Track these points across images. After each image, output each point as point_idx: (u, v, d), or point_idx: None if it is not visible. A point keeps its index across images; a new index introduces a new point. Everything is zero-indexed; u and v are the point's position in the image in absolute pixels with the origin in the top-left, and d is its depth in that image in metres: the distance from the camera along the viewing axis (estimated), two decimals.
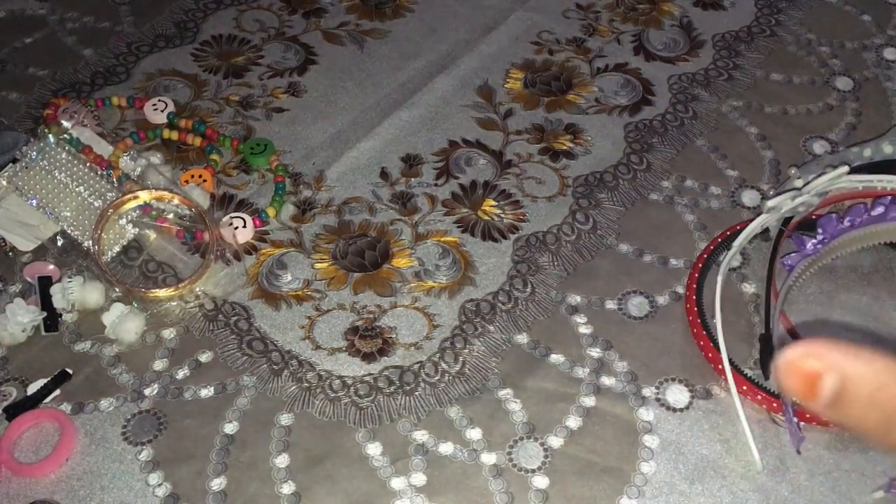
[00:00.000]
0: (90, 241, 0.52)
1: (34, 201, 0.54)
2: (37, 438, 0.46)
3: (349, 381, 0.48)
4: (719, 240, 0.54)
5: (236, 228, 0.54)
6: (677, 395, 0.48)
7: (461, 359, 0.49)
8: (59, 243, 0.54)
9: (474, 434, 0.46)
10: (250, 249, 0.54)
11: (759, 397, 0.47)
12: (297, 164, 0.59)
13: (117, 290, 0.51)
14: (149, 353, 0.49)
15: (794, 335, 0.50)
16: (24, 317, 0.49)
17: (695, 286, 0.51)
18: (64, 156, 0.55)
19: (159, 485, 0.44)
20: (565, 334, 0.50)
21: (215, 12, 0.70)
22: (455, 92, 0.64)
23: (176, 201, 0.54)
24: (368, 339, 0.50)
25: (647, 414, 0.47)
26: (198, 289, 0.52)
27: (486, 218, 0.56)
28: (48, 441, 0.46)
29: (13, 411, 0.46)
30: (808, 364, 0.20)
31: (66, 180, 0.54)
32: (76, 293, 0.50)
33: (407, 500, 0.44)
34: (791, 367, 0.20)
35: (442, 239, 0.55)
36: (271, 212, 0.55)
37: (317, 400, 0.47)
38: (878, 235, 0.50)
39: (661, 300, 0.52)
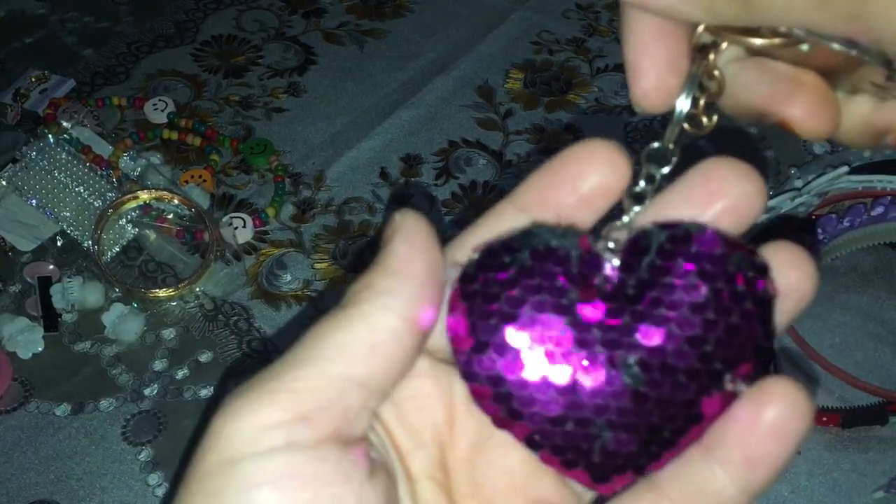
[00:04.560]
0: (90, 242, 0.52)
1: (34, 201, 0.54)
2: None
3: None
4: None
5: (236, 228, 0.54)
6: None
7: None
8: (59, 243, 0.53)
9: None
10: (250, 249, 0.54)
11: None
12: (297, 164, 0.59)
13: (117, 290, 0.51)
14: (148, 354, 0.49)
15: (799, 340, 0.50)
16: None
17: None
18: (64, 156, 0.54)
19: (159, 485, 0.44)
20: None
21: (215, 12, 0.70)
22: (455, 92, 0.64)
23: (176, 201, 0.54)
24: None
25: None
26: (197, 289, 0.52)
27: None
28: None
29: None
30: None
31: (66, 180, 0.54)
32: (76, 293, 0.50)
33: None
34: None
35: None
36: (271, 212, 0.55)
37: None
38: (878, 235, 0.50)
39: None
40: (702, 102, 0.20)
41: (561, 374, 0.19)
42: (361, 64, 0.66)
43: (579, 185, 0.20)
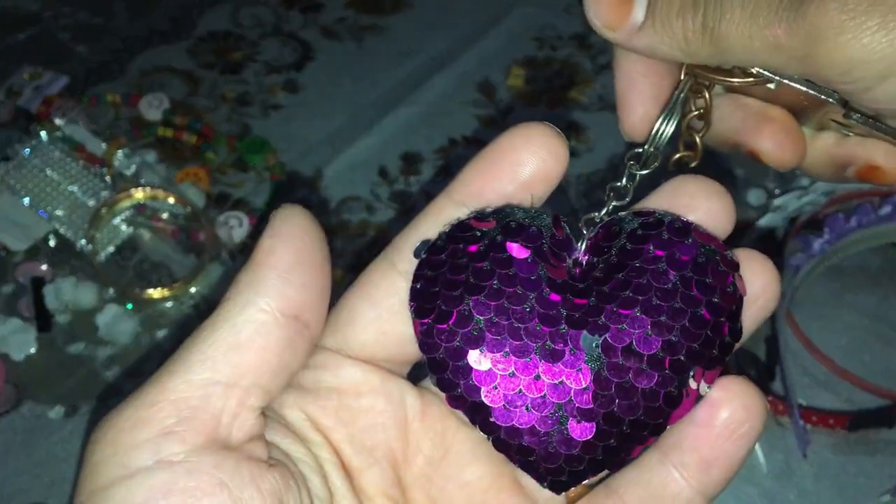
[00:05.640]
0: (84, 241, 0.52)
1: (26, 200, 0.53)
2: None
3: None
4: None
5: (232, 228, 0.53)
6: None
7: None
8: (52, 243, 0.53)
9: None
10: (246, 249, 0.54)
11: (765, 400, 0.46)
12: (295, 163, 0.58)
13: (111, 290, 0.51)
14: (143, 355, 0.49)
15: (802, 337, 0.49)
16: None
17: None
18: (57, 154, 0.54)
19: None
20: None
21: (212, 7, 0.69)
22: (455, 89, 0.63)
23: (171, 200, 0.54)
24: None
25: None
26: (193, 289, 0.51)
27: None
28: None
29: None
30: None
31: (59, 179, 0.53)
32: (69, 294, 0.50)
33: None
34: None
35: None
36: (268, 211, 0.55)
37: None
38: (886, 235, 0.49)
39: None
40: (697, 139, 0.23)
41: (523, 351, 0.19)
42: (360, 60, 0.65)
43: (518, 173, 0.20)
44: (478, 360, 0.19)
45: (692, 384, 0.19)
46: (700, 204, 0.20)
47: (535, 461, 0.20)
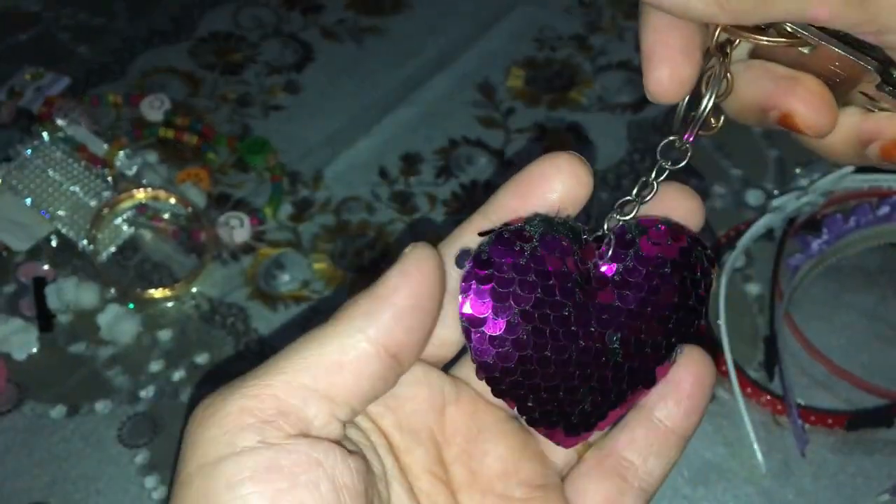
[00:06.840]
0: (85, 241, 0.52)
1: (28, 200, 0.53)
2: None
3: None
4: (723, 240, 0.53)
5: (233, 228, 0.53)
6: None
7: None
8: (54, 243, 0.53)
9: None
10: (247, 249, 0.54)
11: (764, 399, 0.46)
12: (295, 163, 0.58)
13: (112, 290, 0.51)
14: (144, 355, 0.49)
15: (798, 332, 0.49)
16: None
17: None
18: (58, 154, 0.54)
19: (155, 488, 0.44)
20: None
21: (212, 8, 0.69)
22: (455, 89, 0.63)
23: (172, 200, 0.54)
24: None
25: None
26: (194, 289, 0.51)
27: None
28: None
29: None
30: None
31: (61, 179, 0.53)
32: (71, 294, 0.50)
33: None
34: None
35: None
36: (269, 211, 0.55)
37: None
38: (884, 235, 0.49)
39: None
40: (710, 103, 0.22)
41: (562, 351, 0.22)
42: (360, 61, 0.65)
43: (547, 197, 0.22)
44: (524, 361, 0.22)
45: (674, 356, 0.24)
46: (680, 204, 0.24)
47: (568, 433, 0.24)
